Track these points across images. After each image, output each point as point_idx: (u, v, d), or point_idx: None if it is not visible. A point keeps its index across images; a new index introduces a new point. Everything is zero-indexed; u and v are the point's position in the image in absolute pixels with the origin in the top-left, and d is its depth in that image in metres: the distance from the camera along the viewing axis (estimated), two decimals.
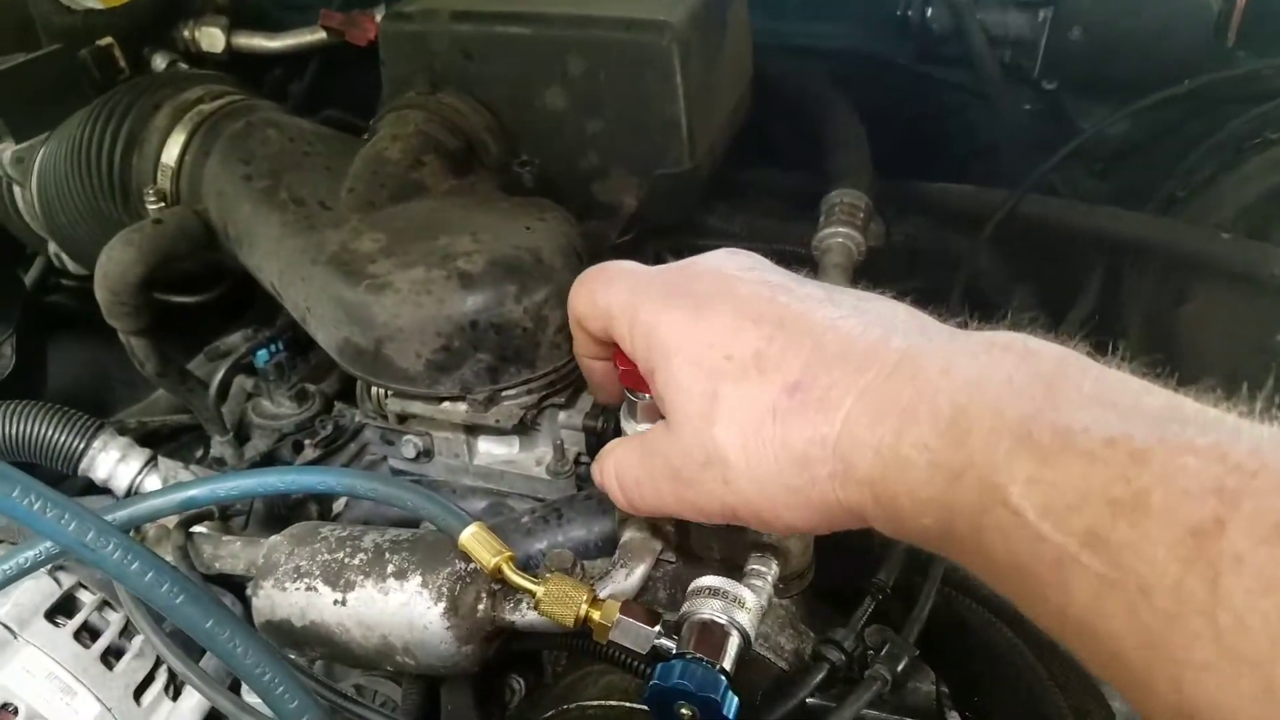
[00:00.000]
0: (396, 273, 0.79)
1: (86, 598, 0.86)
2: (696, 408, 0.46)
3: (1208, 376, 1.12)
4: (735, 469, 0.45)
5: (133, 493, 0.94)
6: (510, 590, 0.64)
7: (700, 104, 0.98)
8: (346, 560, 0.67)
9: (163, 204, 0.95)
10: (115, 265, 0.88)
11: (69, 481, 0.99)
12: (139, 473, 0.93)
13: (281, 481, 0.68)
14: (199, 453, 1.02)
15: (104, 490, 0.96)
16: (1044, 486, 0.34)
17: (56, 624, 0.83)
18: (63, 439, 0.93)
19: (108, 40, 1.23)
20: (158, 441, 1.11)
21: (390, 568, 0.66)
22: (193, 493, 0.67)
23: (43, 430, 0.93)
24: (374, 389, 0.93)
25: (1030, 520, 0.34)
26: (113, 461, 0.93)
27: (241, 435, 1.04)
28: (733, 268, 0.51)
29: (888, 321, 0.45)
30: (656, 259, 1.11)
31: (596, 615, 0.60)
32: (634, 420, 0.62)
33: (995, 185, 1.15)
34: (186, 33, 1.36)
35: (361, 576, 0.66)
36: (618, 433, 0.88)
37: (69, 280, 1.44)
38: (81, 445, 0.92)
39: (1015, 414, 0.36)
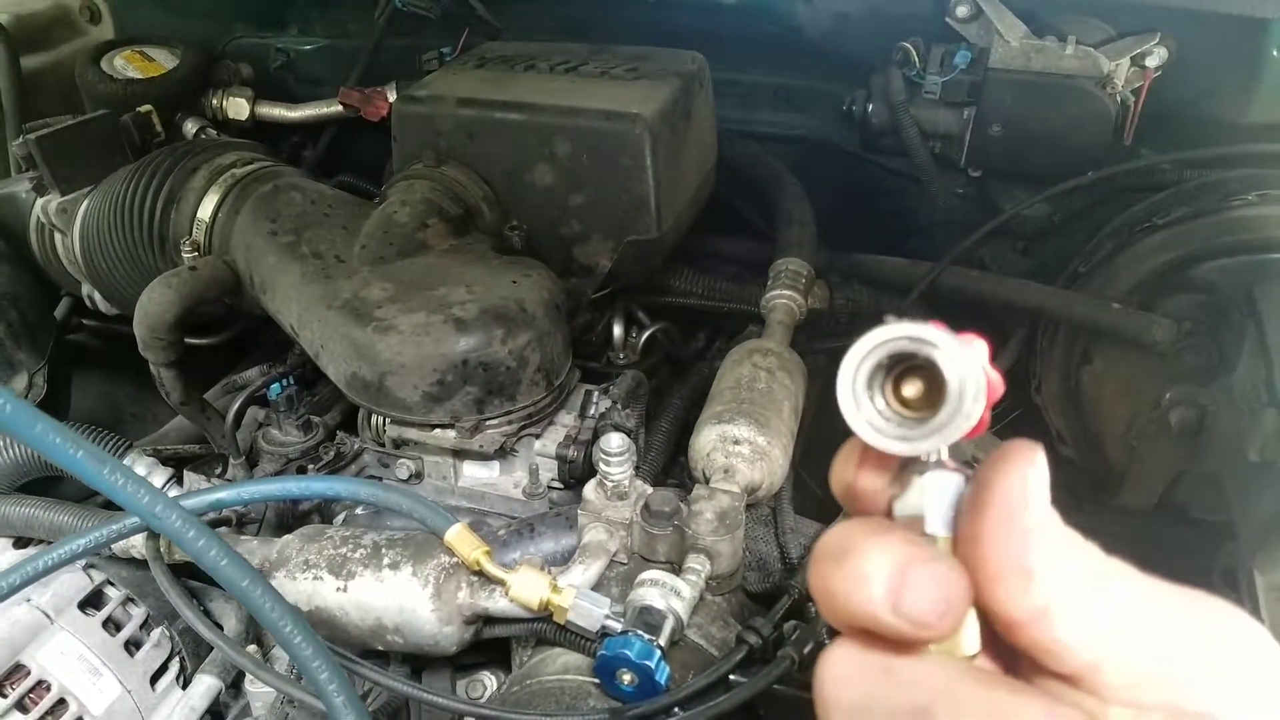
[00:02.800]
0: (400, 317, 0.93)
1: (113, 593, 0.98)
2: None
3: (1110, 430, 1.28)
4: None
5: None
6: (486, 580, 0.76)
7: (667, 182, 1.13)
8: (349, 554, 0.80)
9: (196, 254, 1.10)
10: (155, 305, 1.02)
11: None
12: (162, 488, 1.05)
13: (297, 487, 0.81)
14: (218, 470, 1.14)
15: None
16: None
17: (87, 614, 0.94)
18: None
19: (147, 107, 1.39)
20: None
21: (386, 560, 0.78)
22: (221, 495, 0.80)
23: None
24: (374, 417, 1.06)
25: None
26: (143, 472, 1.05)
27: (251, 460, 1.17)
28: None
29: None
30: (626, 313, 1.26)
31: (556, 599, 0.73)
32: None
33: (932, 259, 1.31)
34: (215, 101, 1.53)
35: (361, 568, 0.78)
36: (587, 463, 1.01)
37: (89, 321, 1.58)
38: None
39: None
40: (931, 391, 0.28)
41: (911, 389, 0.29)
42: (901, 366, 0.28)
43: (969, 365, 0.27)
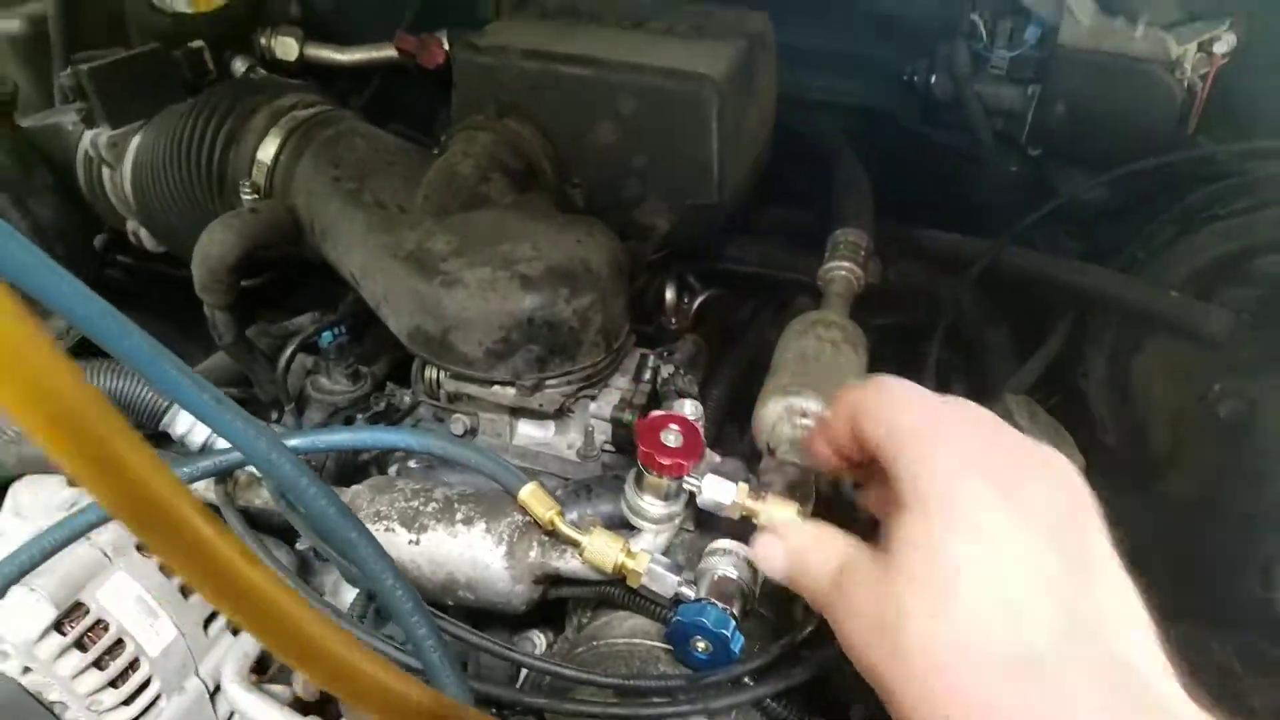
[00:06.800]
0: (466, 271, 0.92)
1: None
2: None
3: (1155, 419, 1.26)
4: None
5: (207, 448, 1.06)
6: (559, 540, 0.77)
7: (730, 147, 1.12)
8: (420, 508, 0.80)
9: (257, 196, 1.08)
10: (216, 246, 1.01)
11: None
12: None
13: (371, 437, 0.81)
14: (274, 415, 1.14)
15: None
16: None
17: (145, 555, 0.94)
18: (148, 395, 1.04)
19: (199, 43, 1.37)
20: None
21: (459, 515, 0.78)
22: (295, 442, 0.80)
23: (130, 387, 1.04)
24: (429, 371, 1.05)
25: None
26: (191, 419, 1.05)
27: (299, 407, 1.16)
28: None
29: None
30: (680, 279, 1.25)
31: (631, 564, 0.73)
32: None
33: (981, 237, 1.30)
34: (264, 40, 1.49)
35: (434, 521, 0.79)
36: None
37: (123, 258, 1.56)
38: (165, 402, 1.04)
39: None
40: None
41: None
42: None
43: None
